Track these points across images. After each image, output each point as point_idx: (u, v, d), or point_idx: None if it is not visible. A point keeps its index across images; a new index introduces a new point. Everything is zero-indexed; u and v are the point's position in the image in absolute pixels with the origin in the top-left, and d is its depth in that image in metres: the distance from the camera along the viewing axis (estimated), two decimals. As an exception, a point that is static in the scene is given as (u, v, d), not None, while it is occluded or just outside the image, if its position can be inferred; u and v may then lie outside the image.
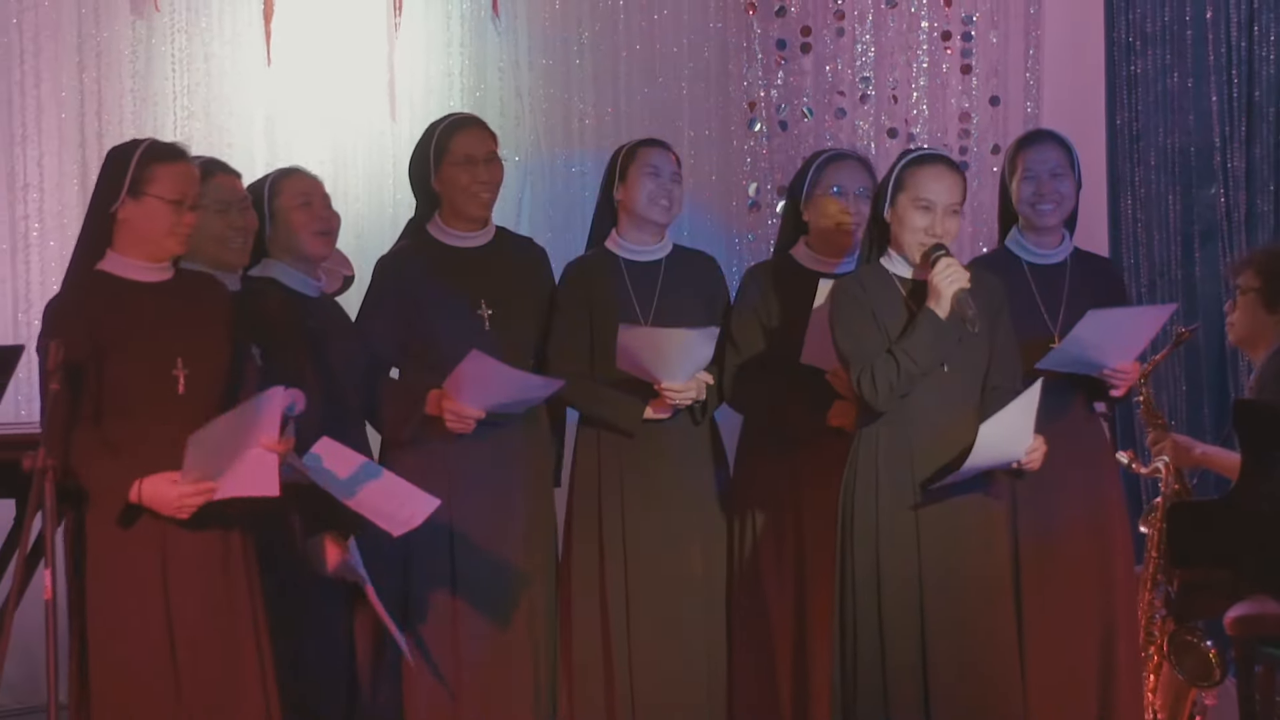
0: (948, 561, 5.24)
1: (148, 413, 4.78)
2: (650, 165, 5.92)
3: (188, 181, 4.86)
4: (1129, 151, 8.33)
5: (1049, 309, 5.78)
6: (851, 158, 6.02)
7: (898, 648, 5.23)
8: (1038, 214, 5.79)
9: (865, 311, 5.26)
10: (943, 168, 5.29)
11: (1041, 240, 5.83)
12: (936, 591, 5.23)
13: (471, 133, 5.84)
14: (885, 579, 5.25)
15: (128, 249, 4.83)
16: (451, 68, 8.14)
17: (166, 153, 4.89)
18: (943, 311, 5.16)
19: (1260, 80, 8.21)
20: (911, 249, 5.25)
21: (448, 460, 5.67)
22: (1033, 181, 5.78)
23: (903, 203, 5.26)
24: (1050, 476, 5.46)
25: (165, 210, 4.80)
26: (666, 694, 5.86)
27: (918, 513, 5.23)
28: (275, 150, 7.81)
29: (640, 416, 5.84)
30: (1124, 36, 8.33)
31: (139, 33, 7.80)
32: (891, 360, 5.16)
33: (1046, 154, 5.79)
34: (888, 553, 5.25)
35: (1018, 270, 5.81)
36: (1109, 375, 5.68)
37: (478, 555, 5.72)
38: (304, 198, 5.42)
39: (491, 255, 5.86)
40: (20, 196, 7.69)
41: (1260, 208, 8.22)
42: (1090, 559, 5.72)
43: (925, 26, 8.47)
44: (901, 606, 5.24)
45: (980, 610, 5.25)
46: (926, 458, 5.23)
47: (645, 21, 8.36)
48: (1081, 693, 5.73)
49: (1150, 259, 8.28)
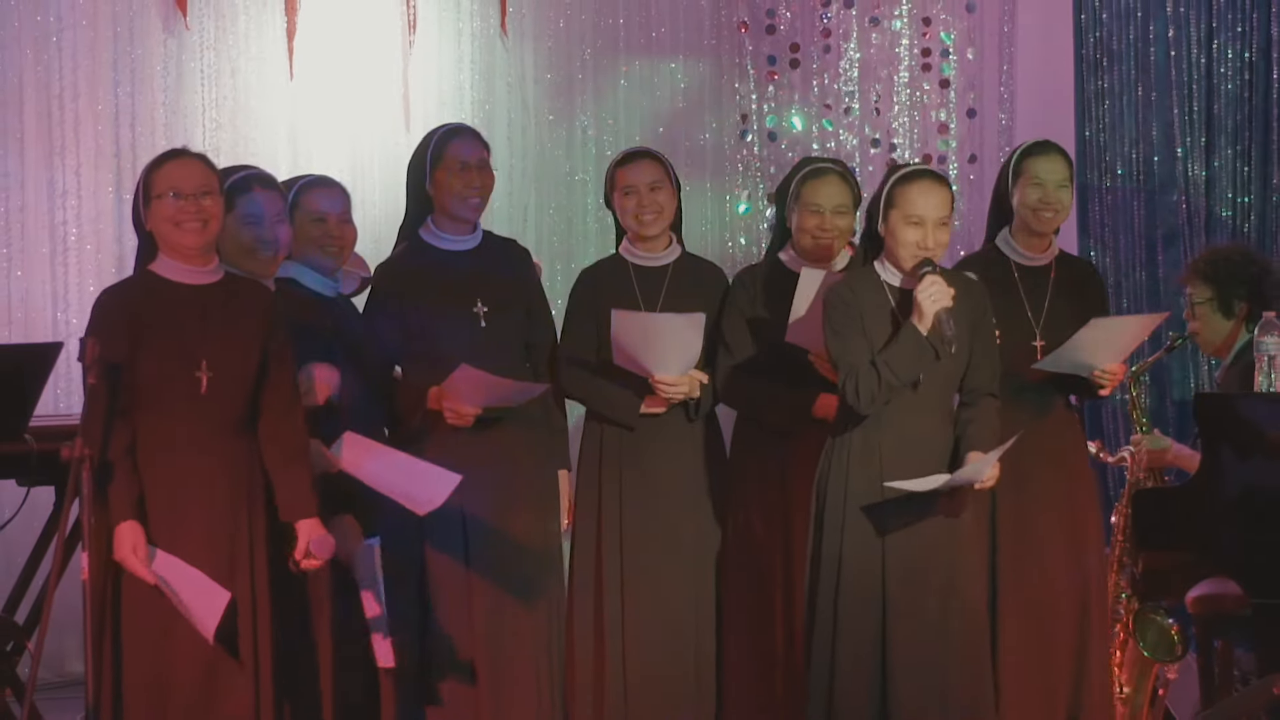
0: (911, 555, 5.20)
1: (172, 410, 4.78)
2: (627, 184, 5.91)
3: (179, 174, 4.83)
4: (1097, 161, 8.35)
5: (1033, 308, 5.78)
6: (830, 172, 5.92)
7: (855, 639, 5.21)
8: (1039, 220, 5.76)
9: (854, 316, 5.23)
10: (930, 182, 5.25)
11: (1032, 243, 5.81)
12: (899, 583, 5.19)
13: (464, 140, 5.82)
14: (845, 565, 5.23)
15: (166, 251, 4.85)
16: (462, 82, 8.15)
17: (162, 158, 4.89)
18: (924, 327, 5.14)
19: (1219, 95, 8.23)
20: (905, 261, 5.23)
21: (458, 448, 5.66)
22: (1040, 189, 5.75)
23: (894, 219, 5.22)
24: (1027, 468, 5.48)
25: (165, 206, 4.81)
26: (656, 677, 5.85)
27: (884, 509, 5.19)
28: (297, 159, 7.82)
29: (637, 410, 5.84)
30: (1092, 54, 8.35)
31: (170, 50, 7.82)
32: (874, 371, 5.14)
33: (1055, 165, 5.77)
34: (851, 544, 5.22)
35: (1005, 270, 5.80)
36: (1098, 376, 5.68)
37: (490, 535, 5.72)
38: (318, 214, 5.40)
39: (482, 257, 5.84)
40: (59, 203, 7.71)
41: (1219, 214, 8.24)
42: (1065, 545, 5.72)
43: (906, 44, 8.49)
44: (861, 596, 5.19)
45: (944, 604, 5.21)
46: (894, 460, 5.20)
47: (644, 39, 8.37)
48: (1054, 670, 5.74)
49: (1116, 261, 8.30)
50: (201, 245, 4.82)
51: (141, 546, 4.69)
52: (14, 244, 7.69)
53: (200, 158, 4.92)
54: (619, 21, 8.35)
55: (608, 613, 5.84)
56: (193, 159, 4.90)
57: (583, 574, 5.90)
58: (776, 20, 8.48)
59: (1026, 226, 5.78)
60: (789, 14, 8.49)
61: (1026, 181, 5.74)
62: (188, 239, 4.81)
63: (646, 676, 5.83)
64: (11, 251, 7.69)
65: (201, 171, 4.86)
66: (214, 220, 4.84)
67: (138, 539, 4.70)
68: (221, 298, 4.86)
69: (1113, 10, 8.32)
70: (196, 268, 4.84)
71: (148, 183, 4.83)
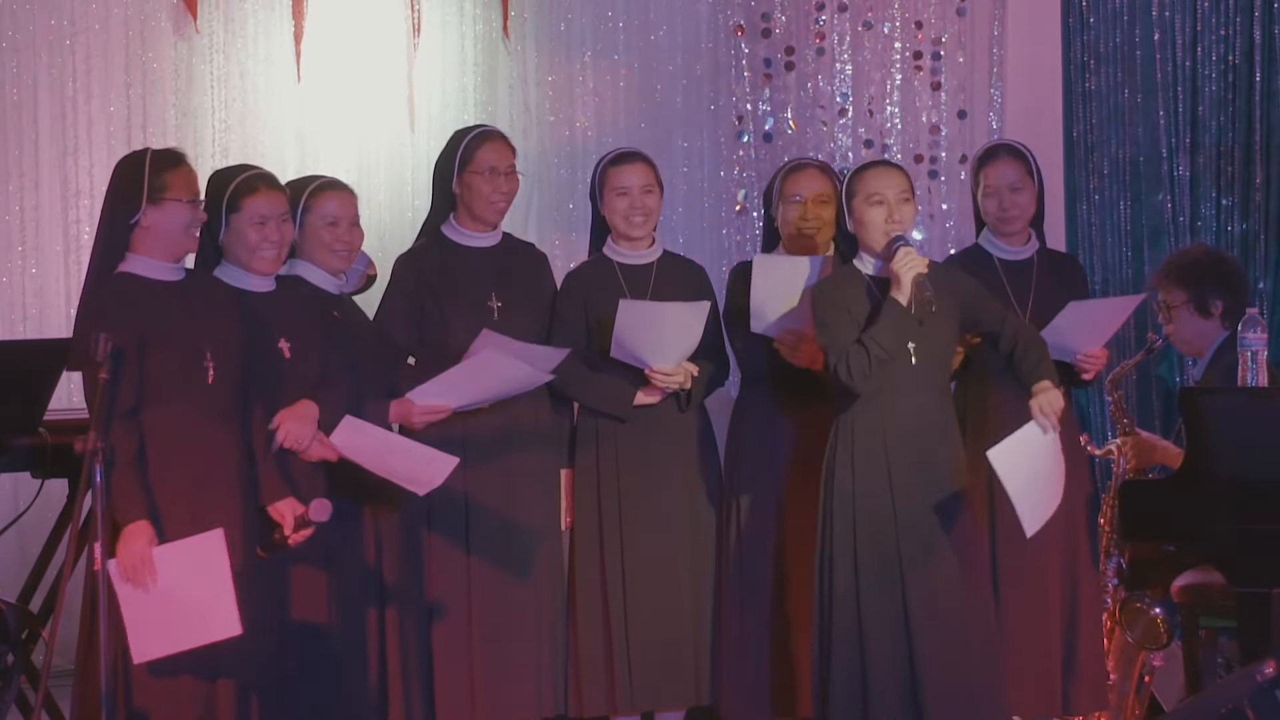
0: (922, 533, 5.26)
1: (181, 402, 4.80)
2: (621, 186, 5.91)
3: (196, 181, 4.90)
4: (1084, 161, 8.35)
5: (1018, 301, 5.80)
6: (810, 166, 5.97)
7: (877, 623, 5.24)
8: (1003, 223, 5.82)
9: (840, 307, 5.31)
10: (884, 166, 5.42)
11: (1009, 239, 5.86)
12: (912, 565, 5.25)
13: (496, 146, 5.84)
14: (861, 552, 5.28)
15: (150, 251, 4.84)
16: (466, 84, 8.15)
17: (174, 158, 4.90)
18: (904, 297, 5.21)
19: (1203, 96, 8.23)
20: (877, 243, 5.31)
21: (463, 433, 5.67)
22: (994, 197, 5.81)
23: (858, 206, 5.33)
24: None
25: (183, 210, 4.83)
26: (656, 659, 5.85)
27: (892, 488, 5.27)
28: (304, 159, 7.83)
29: (632, 402, 5.85)
30: (1079, 56, 8.35)
31: (180, 53, 7.83)
32: (862, 349, 5.21)
33: (1004, 170, 5.81)
34: (865, 529, 5.28)
35: (989, 265, 5.83)
36: (1081, 360, 5.70)
37: (492, 517, 5.73)
38: (331, 218, 5.40)
39: (500, 255, 5.87)
40: (73, 202, 7.72)
41: (1204, 212, 8.24)
42: (1059, 533, 5.74)
43: (898, 47, 8.49)
44: (880, 584, 5.25)
45: (956, 577, 5.26)
46: (899, 434, 5.28)
47: (642, 42, 8.36)
48: (1050, 653, 5.75)
49: (1104, 259, 8.30)
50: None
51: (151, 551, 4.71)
52: (29, 242, 7.70)
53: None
54: (618, 25, 8.35)
55: (611, 597, 5.85)
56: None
57: (585, 562, 5.90)
58: (772, 24, 8.48)
59: (995, 229, 5.83)
60: (784, 18, 8.49)
61: (984, 190, 5.81)
62: (193, 246, 4.91)
63: (647, 658, 5.84)
64: (26, 249, 7.70)
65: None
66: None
67: (151, 539, 4.71)
68: (199, 292, 4.91)
69: (1100, 14, 8.32)
70: (170, 264, 4.88)
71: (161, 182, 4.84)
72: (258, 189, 5.08)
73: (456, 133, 5.90)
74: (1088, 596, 5.83)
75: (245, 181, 5.08)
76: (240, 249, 5.07)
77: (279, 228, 5.09)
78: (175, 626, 4.70)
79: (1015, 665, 5.60)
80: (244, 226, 5.05)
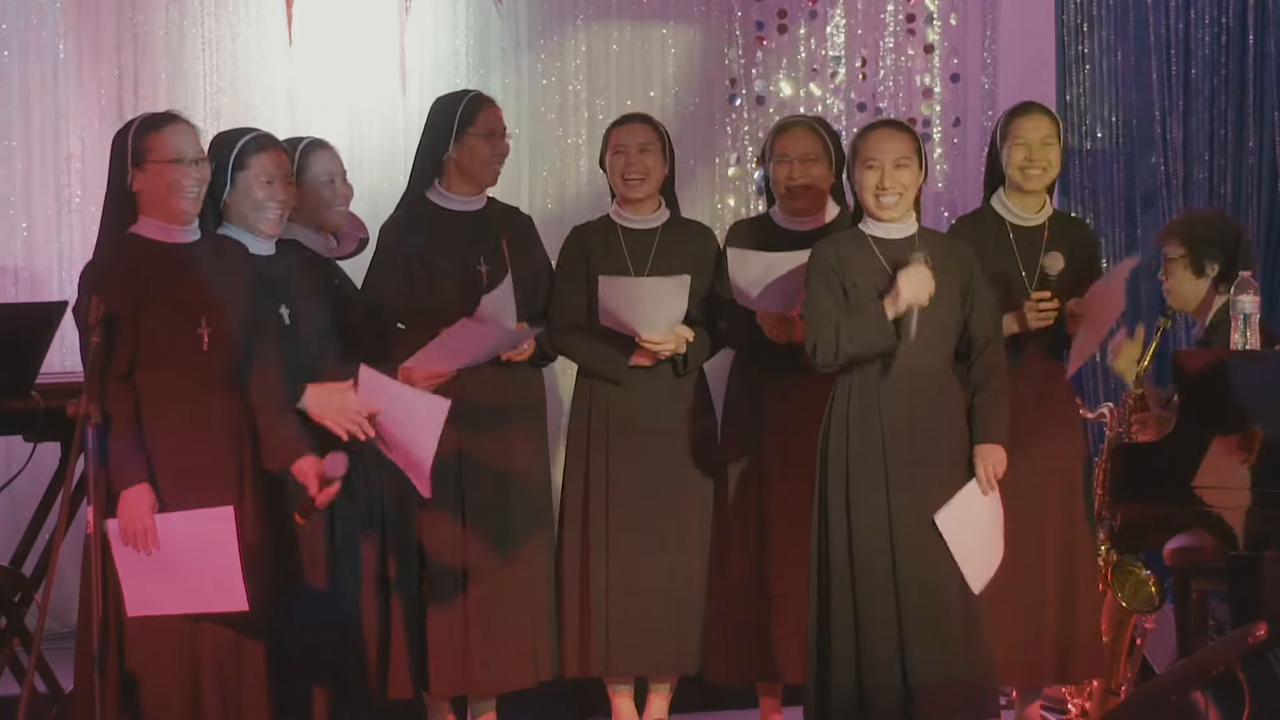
0: (915, 499, 5.25)
1: (175, 367, 4.78)
2: (618, 144, 5.91)
3: (181, 140, 4.84)
4: (1077, 124, 8.33)
5: (1026, 267, 5.81)
6: (799, 124, 5.97)
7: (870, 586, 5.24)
8: (1026, 178, 5.82)
9: (831, 279, 5.29)
10: (887, 129, 5.38)
11: (1025, 203, 5.86)
12: (904, 530, 5.24)
13: (494, 110, 5.87)
14: (855, 514, 5.27)
15: (151, 213, 4.83)
16: (458, 47, 8.12)
17: (156, 122, 4.88)
18: (894, 311, 5.19)
19: (1196, 59, 8.20)
20: (870, 207, 5.30)
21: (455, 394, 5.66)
22: (1024, 148, 5.81)
23: (857, 168, 5.33)
24: (1018, 417, 5.48)
25: (166, 171, 4.81)
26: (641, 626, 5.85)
27: (886, 454, 5.26)
28: (296, 122, 7.80)
29: (625, 365, 5.84)
30: (1073, 19, 8.32)
31: (172, 16, 7.80)
32: (833, 336, 5.19)
33: (1039, 123, 5.84)
34: (858, 491, 5.28)
35: (999, 230, 5.83)
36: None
37: (486, 487, 5.73)
38: (328, 175, 5.44)
39: (487, 219, 5.87)
40: (64, 166, 7.71)
41: (1196, 175, 8.22)
42: (1055, 499, 5.75)
43: (891, 9, 8.45)
44: (871, 545, 5.24)
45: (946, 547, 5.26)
46: (892, 400, 5.27)
47: (634, 5, 8.33)
48: (1043, 624, 5.75)
49: (1096, 222, 8.28)
50: (196, 211, 4.85)
51: (152, 517, 4.69)
52: (20, 206, 7.69)
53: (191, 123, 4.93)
54: (610, -13, 8.32)
55: (593, 563, 5.85)
56: (190, 125, 4.90)
57: (571, 526, 5.91)
58: (764, -13, 8.44)
59: (1017, 186, 5.82)
60: (776, -19, 8.45)
61: (1012, 142, 5.80)
62: (189, 205, 4.83)
63: (630, 625, 5.84)
64: (18, 213, 7.69)
65: (198, 138, 4.89)
66: (204, 185, 4.86)
67: (153, 504, 4.69)
68: (207, 255, 4.87)
69: (1093, -24, 8.29)
70: (174, 226, 4.84)
71: (143, 146, 4.81)
72: (266, 147, 5.09)
73: (446, 98, 5.88)
74: (1084, 565, 5.83)
75: (254, 139, 5.08)
76: (246, 206, 5.05)
77: (285, 187, 5.09)
78: (175, 591, 4.70)
79: (1009, 634, 5.60)
80: (251, 183, 5.04)
